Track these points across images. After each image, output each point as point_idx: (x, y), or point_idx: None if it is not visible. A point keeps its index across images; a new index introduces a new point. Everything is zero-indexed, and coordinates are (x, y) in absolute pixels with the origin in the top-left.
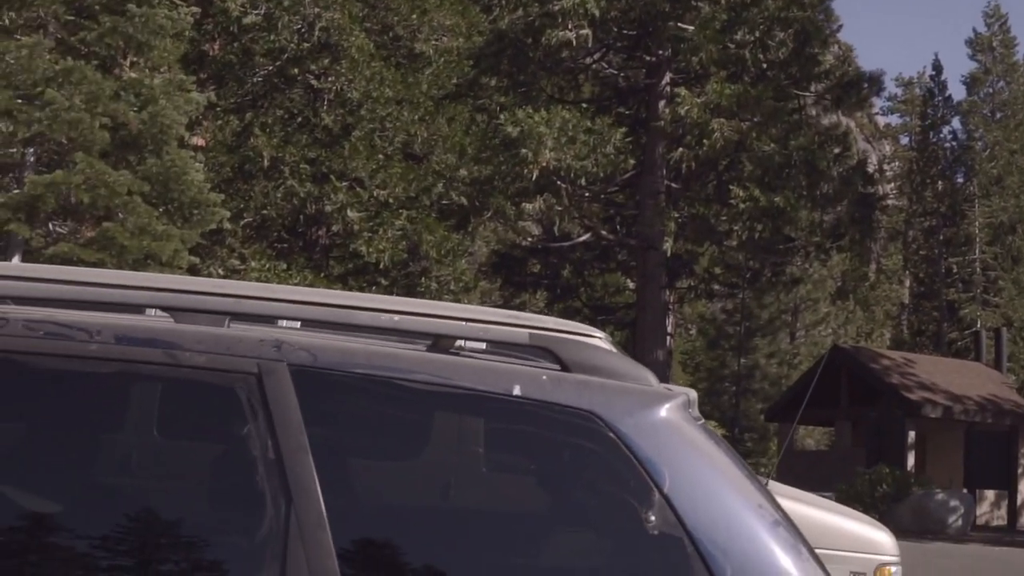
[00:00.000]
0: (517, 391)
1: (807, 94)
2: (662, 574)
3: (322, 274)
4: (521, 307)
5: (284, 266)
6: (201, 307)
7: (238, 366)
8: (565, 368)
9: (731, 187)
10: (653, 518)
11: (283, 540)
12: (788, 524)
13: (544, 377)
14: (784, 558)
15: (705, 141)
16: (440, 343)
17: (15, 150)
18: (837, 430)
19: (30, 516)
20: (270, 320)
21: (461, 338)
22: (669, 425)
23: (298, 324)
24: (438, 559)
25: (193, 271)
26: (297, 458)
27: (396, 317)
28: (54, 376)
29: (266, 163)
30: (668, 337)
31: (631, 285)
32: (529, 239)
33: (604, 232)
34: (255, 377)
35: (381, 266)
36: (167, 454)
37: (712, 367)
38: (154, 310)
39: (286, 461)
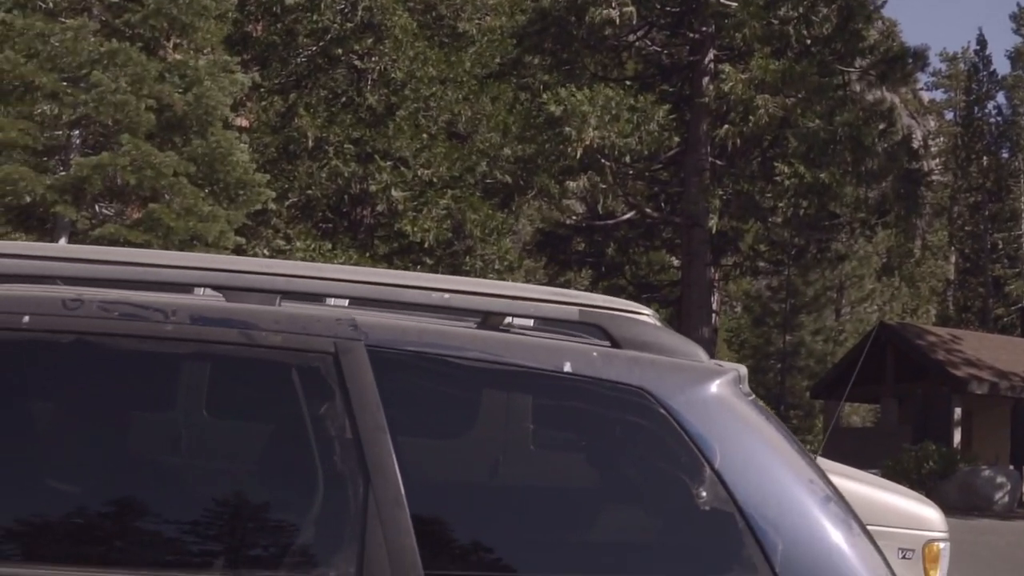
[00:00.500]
0: (568, 368)
1: (851, 70)
2: (713, 550)
3: (367, 254)
4: (566, 285)
5: (329, 246)
6: (252, 286)
7: (315, 345)
8: (615, 344)
9: (776, 163)
10: (704, 494)
11: (362, 519)
12: (839, 499)
13: (595, 354)
14: (835, 533)
15: (750, 118)
16: (490, 320)
17: (61, 132)
18: (883, 407)
19: (111, 497)
20: (319, 299)
21: (511, 315)
22: (720, 401)
23: (346, 303)
24: (494, 537)
25: (239, 251)
26: (375, 437)
27: (446, 295)
28: (129, 357)
29: (310, 143)
30: (713, 315)
31: (676, 263)
32: (573, 217)
33: (648, 210)
34: (332, 356)
35: (426, 245)
36: (243, 434)
37: (757, 344)
38: (203, 289)
39: (364, 440)
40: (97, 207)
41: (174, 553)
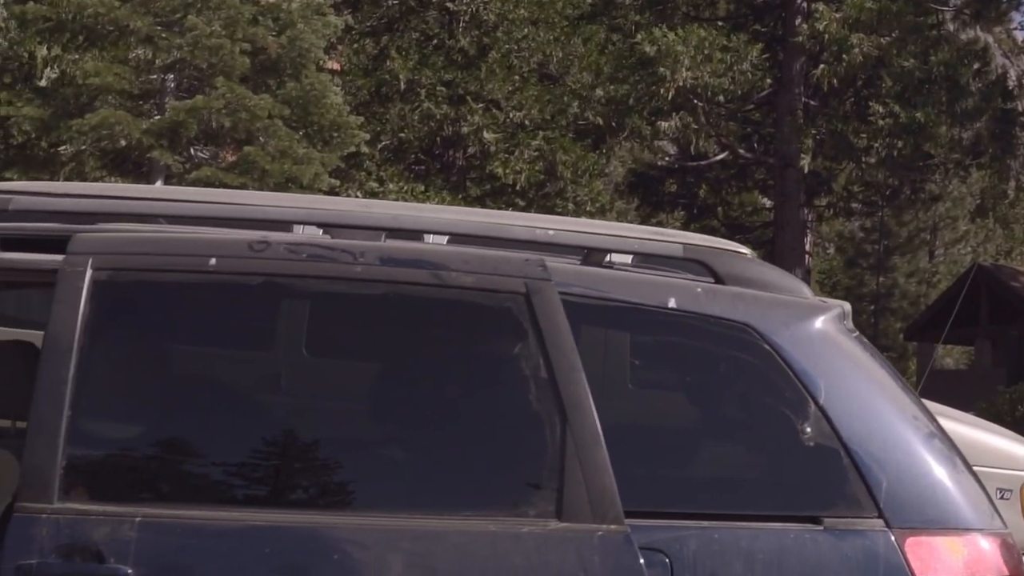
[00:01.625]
0: (672, 304)
1: (946, 8)
2: (818, 485)
3: (459, 196)
4: (658, 227)
5: (422, 188)
6: (357, 223)
7: (506, 286)
8: (719, 281)
9: (870, 103)
10: (809, 430)
11: (560, 459)
12: (943, 436)
13: (699, 290)
14: (939, 470)
15: (843, 57)
16: (592, 257)
17: (156, 76)
18: (977, 349)
19: (302, 439)
20: (420, 236)
21: (615, 251)
22: (824, 336)
23: (445, 240)
24: (618, 473)
25: (333, 194)
26: (570, 376)
27: (551, 231)
28: (318, 298)
29: (402, 86)
30: (806, 256)
31: (768, 204)
32: (665, 158)
33: (741, 151)
34: (523, 296)
35: (517, 187)
36: (435, 375)
37: (850, 286)
38: (303, 226)
39: (559, 380)
40: (192, 150)
41: (371, 493)
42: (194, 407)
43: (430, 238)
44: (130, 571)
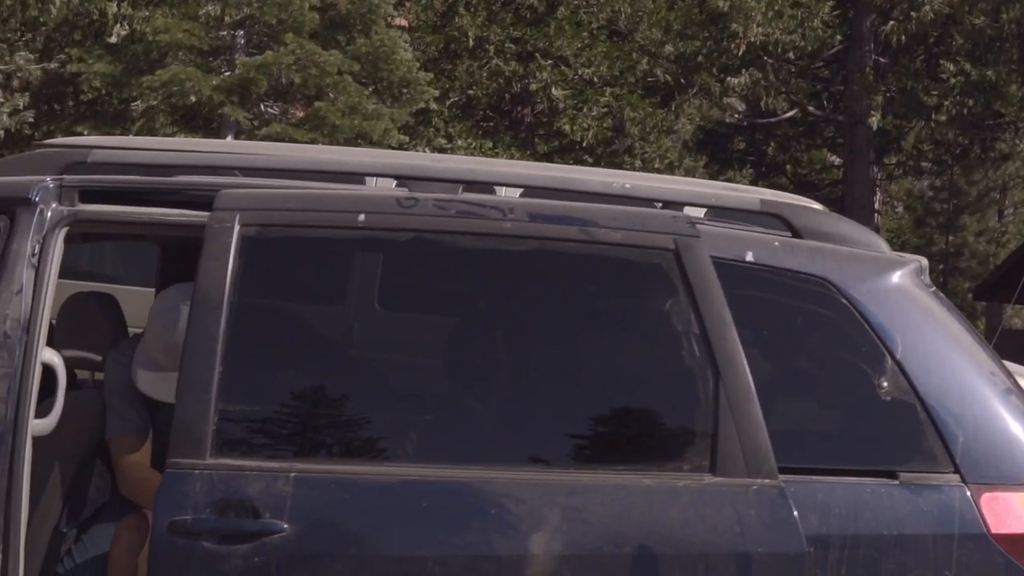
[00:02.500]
0: (750, 257)
1: None
2: (894, 440)
3: (528, 152)
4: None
5: (490, 145)
6: (434, 175)
7: (655, 242)
8: (796, 235)
9: (940, 61)
10: (885, 384)
11: (713, 414)
12: (1020, 393)
13: (777, 243)
14: (1016, 426)
15: (914, 14)
16: (669, 210)
17: (226, 33)
18: None
19: (449, 393)
20: (495, 188)
21: (692, 204)
22: (902, 291)
23: (517, 193)
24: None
25: (403, 150)
26: (722, 332)
27: (628, 184)
28: (466, 255)
29: (471, 43)
30: (875, 214)
31: (837, 162)
32: (734, 115)
33: (811, 108)
34: (672, 253)
35: (585, 144)
36: (585, 331)
37: (919, 245)
38: (375, 179)
39: (711, 335)
40: (262, 106)
41: (526, 448)
42: (344, 362)
43: (502, 191)
44: (285, 526)
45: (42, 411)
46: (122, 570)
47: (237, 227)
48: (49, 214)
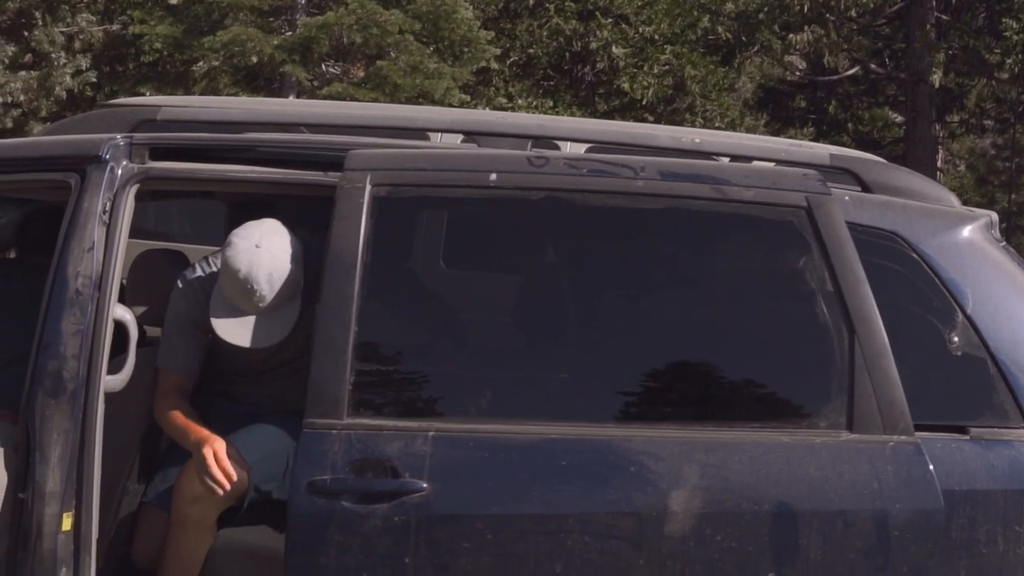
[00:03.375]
0: None
1: None
2: (964, 394)
3: (587, 111)
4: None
5: (551, 104)
6: (503, 130)
7: (787, 200)
8: (866, 189)
9: (1003, 19)
10: (956, 339)
11: (849, 371)
12: None
13: (847, 198)
14: None
15: None
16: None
17: None
18: None
19: (582, 354)
20: (563, 144)
21: (761, 159)
22: (972, 246)
23: (583, 149)
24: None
25: (464, 108)
26: (857, 289)
27: (697, 138)
28: (598, 213)
29: (531, 1)
30: (937, 173)
31: (899, 119)
32: (795, 73)
33: (872, 65)
34: (804, 210)
35: (645, 102)
36: (718, 290)
37: (981, 203)
38: (440, 135)
39: (846, 292)
40: (323, 66)
41: (664, 406)
42: (478, 321)
43: (567, 146)
44: (425, 485)
45: (114, 367)
46: (184, 510)
47: (368, 187)
48: (120, 171)
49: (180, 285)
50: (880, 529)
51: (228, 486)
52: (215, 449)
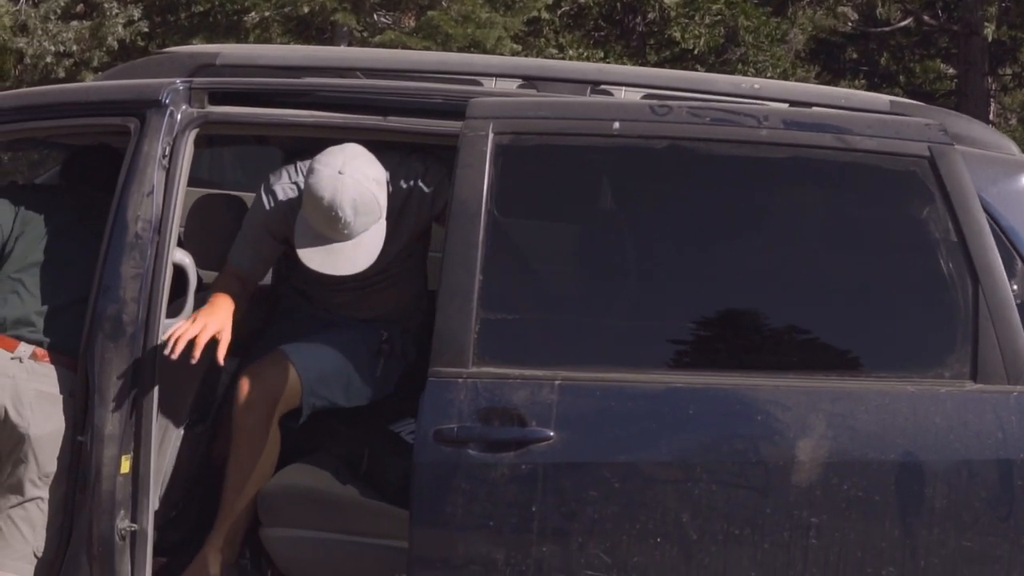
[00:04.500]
0: None
1: None
2: None
3: (639, 61)
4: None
5: (601, 54)
6: (563, 76)
7: (909, 149)
8: None
9: None
10: (1016, 287)
11: (973, 321)
12: None
13: None
14: None
15: None
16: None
17: None
18: None
19: (707, 305)
20: (621, 89)
21: (822, 105)
22: None
23: (639, 94)
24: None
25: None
26: (980, 240)
27: (756, 84)
28: (722, 162)
29: None
30: (989, 126)
31: (951, 72)
32: (847, 25)
33: (925, 17)
34: (927, 160)
35: (697, 52)
36: (840, 240)
37: None
38: (494, 80)
39: (969, 242)
40: (375, 16)
41: (791, 355)
42: (601, 270)
43: (621, 91)
44: (552, 434)
45: (173, 311)
46: (239, 418)
47: (491, 135)
48: (179, 116)
49: (264, 192)
50: (1004, 479)
51: (176, 352)
52: (206, 323)
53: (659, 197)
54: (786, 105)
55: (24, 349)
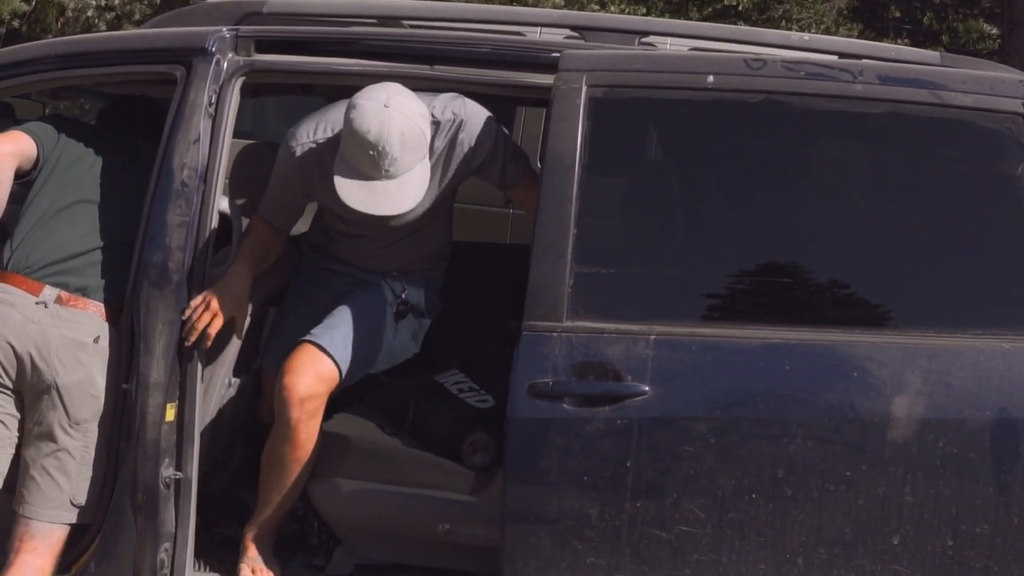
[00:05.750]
0: None
1: None
2: None
3: (681, 18)
4: None
5: (643, 11)
6: (612, 26)
7: (1004, 106)
8: None
9: None
10: None
11: None
12: None
13: None
14: None
15: None
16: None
17: None
18: None
19: (795, 259)
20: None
21: (872, 57)
22: None
23: (686, 48)
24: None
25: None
26: None
27: (806, 36)
28: (816, 117)
29: None
30: None
31: (995, 32)
32: None
33: None
34: (1021, 117)
35: (740, 9)
36: (940, 194)
37: None
38: (539, 30)
39: None
40: None
41: (887, 312)
42: (695, 224)
43: (667, 42)
44: (647, 389)
45: (218, 259)
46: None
47: (584, 88)
48: (225, 64)
49: (289, 149)
50: None
51: (194, 337)
52: (218, 308)
53: (754, 151)
54: (835, 57)
55: (49, 293)
